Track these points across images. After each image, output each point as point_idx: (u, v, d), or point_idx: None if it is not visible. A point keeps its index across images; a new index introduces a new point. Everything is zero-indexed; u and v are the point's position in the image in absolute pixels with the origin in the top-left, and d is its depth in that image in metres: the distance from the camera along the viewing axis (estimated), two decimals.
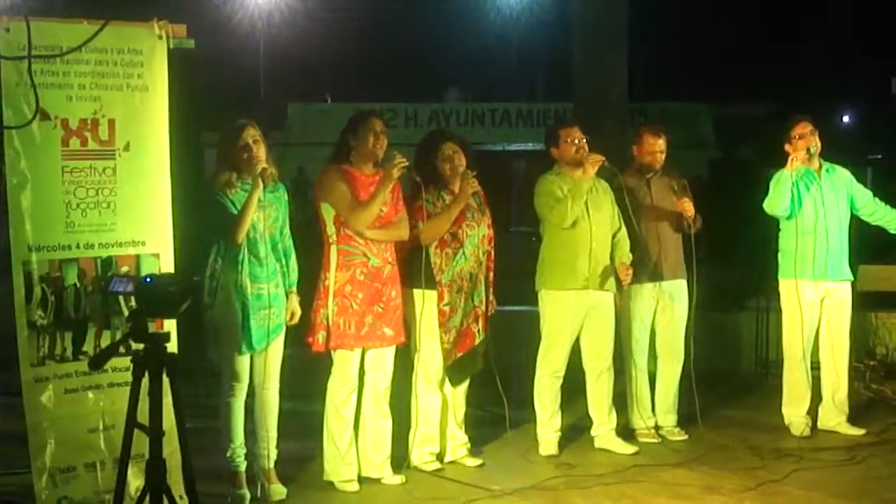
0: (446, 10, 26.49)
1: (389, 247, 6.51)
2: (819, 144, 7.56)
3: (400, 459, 6.82)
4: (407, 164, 6.39)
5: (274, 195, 6.27)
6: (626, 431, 7.53)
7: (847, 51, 25.92)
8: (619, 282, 7.22)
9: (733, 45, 28.13)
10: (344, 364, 6.45)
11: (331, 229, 6.40)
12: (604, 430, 7.36)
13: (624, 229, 7.27)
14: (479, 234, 6.83)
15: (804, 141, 7.49)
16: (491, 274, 7.02)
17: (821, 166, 7.63)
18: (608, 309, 7.26)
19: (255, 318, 6.15)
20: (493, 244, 7.00)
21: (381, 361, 6.58)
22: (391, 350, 6.59)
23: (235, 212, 6.04)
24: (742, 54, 28.42)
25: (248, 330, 6.14)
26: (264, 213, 6.17)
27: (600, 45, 12.16)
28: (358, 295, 6.37)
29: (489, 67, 30.17)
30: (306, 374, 6.86)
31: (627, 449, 7.29)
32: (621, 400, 7.57)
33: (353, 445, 6.55)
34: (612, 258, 7.20)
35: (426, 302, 6.70)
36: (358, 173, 6.43)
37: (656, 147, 7.57)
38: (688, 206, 7.43)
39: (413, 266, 6.63)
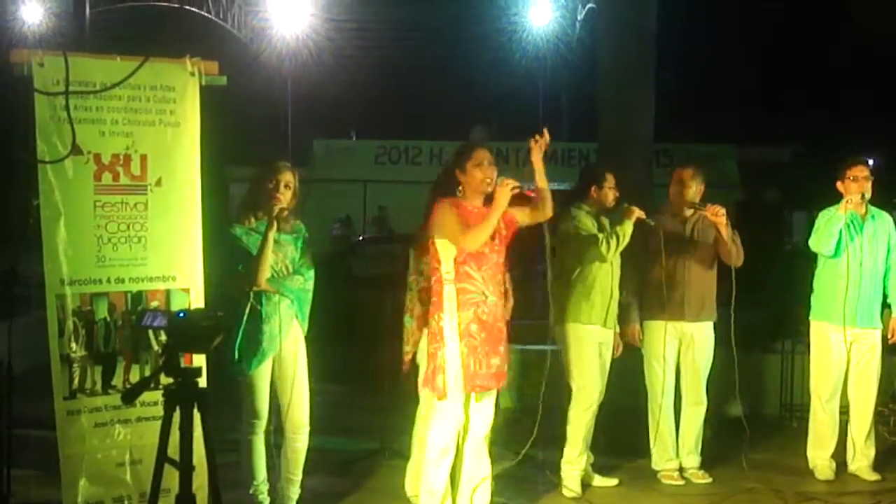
0: (472, 48, 26.59)
1: (502, 280, 6.27)
2: (870, 191, 7.48)
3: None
4: (519, 186, 6.07)
5: (291, 237, 6.24)
6: (649, 473, 7.51)
7: (873, 95, 25.85)
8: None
9: (758, 86, 28.16)
10: (452, 410, 6.06)
11: (447, 267, 6.05)
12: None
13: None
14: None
15: (858, 185, 7.43)
16: None
17: (867, 211, 7.56)
18: (611, 345, 7.33)
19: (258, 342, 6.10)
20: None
21: (486, 402, 6.24)
22: (495, 390, 6.27)
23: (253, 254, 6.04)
24: (766, 96, 28.44)
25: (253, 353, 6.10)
26: (278, 255, 6.14)
27: (627, 85, 12.17)
28: (482, 334, 6.02)
29: (514, 106, 30.23)
30: (330, 411, 6.85)
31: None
32: (646, 440, 7.56)
33: (448, 496, 6.20)
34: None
35: None
36: (469, 207, 6.18)
37: (693, 177, 7.46)
38: (715, 209, 7.24)
39: None
